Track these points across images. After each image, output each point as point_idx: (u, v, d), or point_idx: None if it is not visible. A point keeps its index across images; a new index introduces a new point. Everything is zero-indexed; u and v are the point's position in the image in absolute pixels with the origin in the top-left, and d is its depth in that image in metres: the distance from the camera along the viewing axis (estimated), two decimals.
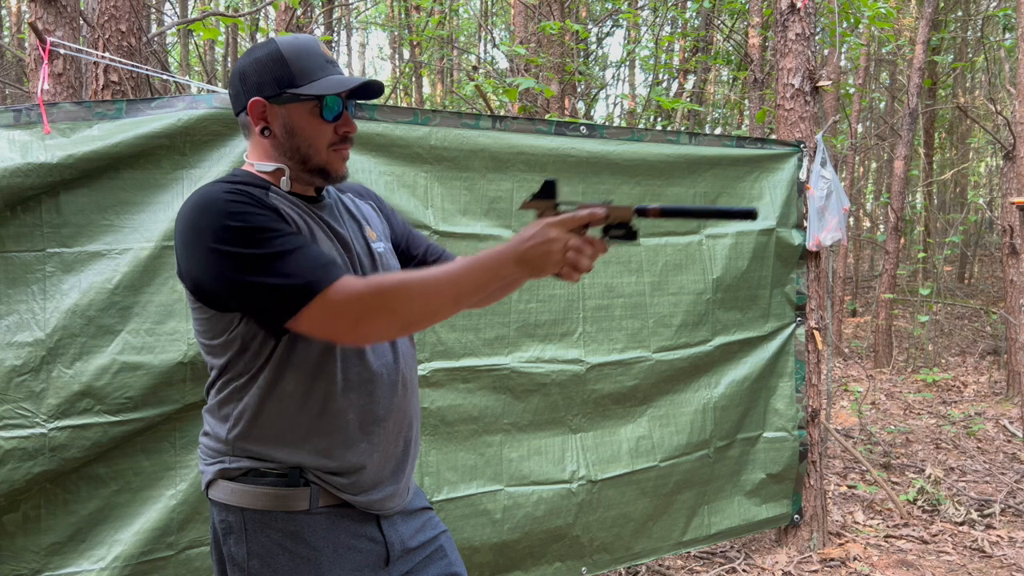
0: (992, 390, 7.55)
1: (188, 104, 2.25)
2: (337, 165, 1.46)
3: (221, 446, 1.45)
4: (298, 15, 7.36)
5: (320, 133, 1.43)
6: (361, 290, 1.28)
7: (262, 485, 1.41)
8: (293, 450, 1.41)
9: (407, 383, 1.54)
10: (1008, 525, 4.02)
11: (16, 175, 2.03)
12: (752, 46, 8.08)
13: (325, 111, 1.42)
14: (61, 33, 2.91)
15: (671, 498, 3.17)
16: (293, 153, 1.44)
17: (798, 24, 3.68)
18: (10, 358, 2.05)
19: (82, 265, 2.13)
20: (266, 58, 1.43)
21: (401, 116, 2.57)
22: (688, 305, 3.18)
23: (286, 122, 1.43)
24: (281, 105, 1.42)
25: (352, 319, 1.28)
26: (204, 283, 1.33)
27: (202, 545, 2.27)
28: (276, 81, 1.41)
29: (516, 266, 1.29)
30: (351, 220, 1.56)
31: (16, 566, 2.07)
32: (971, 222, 12.50)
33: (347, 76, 1.45)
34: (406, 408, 1.54)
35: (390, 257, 1.61)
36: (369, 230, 1.59)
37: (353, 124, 1.47)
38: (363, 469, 1.46)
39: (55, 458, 2.07)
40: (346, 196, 1.63)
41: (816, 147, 3.57)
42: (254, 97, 1.43)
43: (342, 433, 1.43)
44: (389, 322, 1.30)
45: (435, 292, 1.29)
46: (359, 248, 1.51)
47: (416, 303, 1.29)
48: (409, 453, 1.56)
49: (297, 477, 1.41)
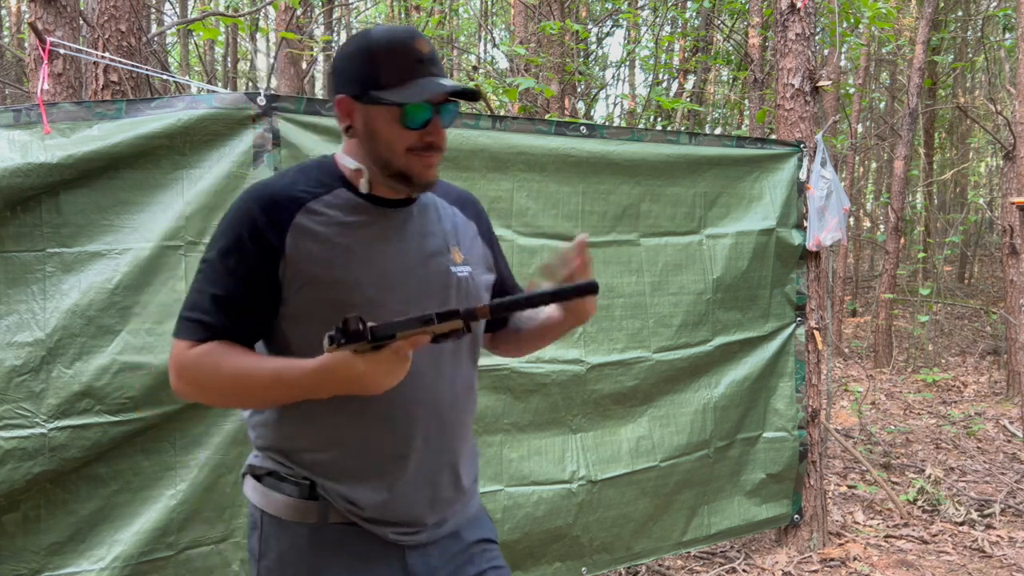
0: (992, 390, 7.55)
1: (188, 104, 2.25)
2: (419, 170, 1.35)
3: (254, 441, 1.44)
4: (298, 15, 7.36)
5: (400, 138, 1.33)
6: (181, 362, 1.30)
7: (278, 491, 1.38)
8: (307, 463, 1.37)
9: (445, 425, 1.41)
10: (1008, 525, 4.01)
11: (16, 175, 2.03)
12: (752, 46, 8.08)
13: (407, 119, 1.31)
14: (61, 33, 2.91)
15: (671, 498, 3.17)
16: (374, 156, 1.36)
17: (798, 24, 3.68)
18: (10, 358, 2.05)
19: (82, 265, 2.13)
20: (355, 53, 1.34)
21: None
22: (688, 305, 3.18)
23: (368, 124, 1.35)
24: (365, 105, 1.34)
25: (174, 377, 1.33)
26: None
27: (202, 545, 2.27)
28: (362, 80, 1.33)
29: (325, 394, 1.26)
30: (437, 236, 1.44)
31: (16, 566, 2.07)
32: (971, 222, 12.50)
33: (439, 81, 1.32)
34: (440, 450, 1.41)
35: (476, 285, 1.47)
36: (456, 251, 1.46)
37: (441, 134, 1.35)
38: (374, 504, 1.37)
39: (55, 458, 2.07)
40: (449, 207, 1.51)
41: (816, 147, 3.56)
42: (341, 94, 1.36)
43: (353, 463, 1.37)
44: (200, 399, 1.34)
45: (235, 395, 1.32)
46: (435, 267, 1.41)
47: (221, 398, 1.35)
48: (441, 495, 1.43)
49: (308, 489, 1.37)
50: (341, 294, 1.32)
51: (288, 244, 1.31)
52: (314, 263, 1.31)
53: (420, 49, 1.32)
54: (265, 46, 13.93)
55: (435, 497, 1.42)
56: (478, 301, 1.46)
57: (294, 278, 1.31)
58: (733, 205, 3.32)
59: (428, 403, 1.38)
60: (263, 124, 2.32)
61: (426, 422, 1.38)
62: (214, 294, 1.31)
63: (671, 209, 3.15)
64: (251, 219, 1.31)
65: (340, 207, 1.36)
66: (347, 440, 1.36)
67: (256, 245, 1.30)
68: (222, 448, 2.28)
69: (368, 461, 1.36)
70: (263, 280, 1.31)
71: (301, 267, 1.31)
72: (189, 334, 1.31)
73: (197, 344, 1.30)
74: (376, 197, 1.39)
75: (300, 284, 1.31)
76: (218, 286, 1.31)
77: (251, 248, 1.30)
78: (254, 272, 1.30)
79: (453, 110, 1.38)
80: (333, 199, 1.36)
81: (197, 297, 1.32)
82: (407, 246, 1.39)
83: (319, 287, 1.32)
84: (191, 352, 1.30)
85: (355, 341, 1.18)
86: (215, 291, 1.31)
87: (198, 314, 1.31)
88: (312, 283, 1.31)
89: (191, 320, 1.31)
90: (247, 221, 1.31)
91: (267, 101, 2.34)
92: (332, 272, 1.32)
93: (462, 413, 1.45)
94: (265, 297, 1.32)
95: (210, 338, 1.30)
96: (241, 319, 1.32)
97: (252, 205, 1.32)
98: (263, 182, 1.37)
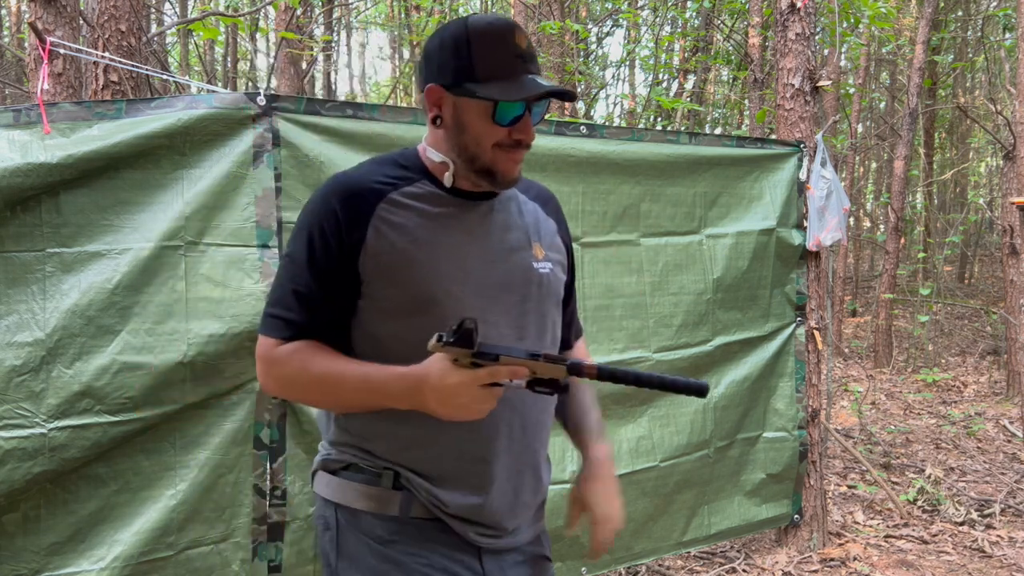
0: (992, 390, 7.55)
1: (188, 104, 2.25)
2: (505, 167, 1.32)
3: (327, 436, 1.40)
4: (298, 15, 7.36)
5: (489, 133, 1.30)
6: (269, 359, 1.31)
7: (357, 481, 1.34)
8: (390, 452, 1.33)
9: (526, 425, 1.37)
10: (1008, 525, 4.01)
11: (16, 175, 2.03)
12: (752, 46, 8.08)
13: (498, 115, 1.28)
14: (61, 33, 2.91)
15: (671, 498, 3.17)
16: (461, 150, 1.32)
17: (798, 24, 3.68)
18: (10, 358, 2.05)
19: (82, 265, 2.13)
20: (451, 41, 1.29)
21: (401, 116, 2.57)
22: (688, 305, 3.18)
23: (457, 116, 1.31)
24: (456, 97, 1.29)
25: (261, 373, 1.34)
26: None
27: (202, 545, 2.27)
28: (456, 70, 1.28)
29: (408, 403, 1.24)
30: (519, 230, 1.41)
31: (16, 566, 2.07)
32: (971, 222, 12.50)
33: (536, 80, 1.29)
34: (522, 451, 1.38)
35: (555, 282, 1.44)
36: (538, 246, 1.43)
37: (531, 132, 1.32)
38: (459, 505, 1.33)
39: (55, 458, 2.07)
40: (530, 202, 1.48)
41: (816, 147, 3.56)
42: (432, 82, 1.31)
43: (436, 464, 1.32)
44: (286, 395, 1.37)
45: (321, 396, 1.34)
46: (517, 262, 1.38)
47: (308, 397, 1.38)
48: (521, 499, 1.39)
49: (391, 478, 1.32)
50: (422, 287, 1.29)
51: (369, 236, 1.28)
52: (395, 255, 1.28)
53: (519, 44, 1.28)
54: (265, 46, 13.93)
55: (516, 501, 1.38)
56: (557, 298, 1.44)
57: (375, 271, 1.29)
58: (733, 205, 3.32)
59: (511, 400, 1.32)
60: (263, 124, 2.32)
61: (508, 422, 1.34)
62: (296, 290, 1.30)
63: (671, 209, 3.15)
64: (331, 211, 1.28)
65: (423, 199, 1.33)
66: (429, 442, 1.32)
67: (336, 238, 1.28)
68: (222, 448, 2.28)
69: (452, 463, 1.32)
70: (344, 274, 1.29)
71: (382, 259, 1.28)
72: (274, 331, 1.31)
73: (283, 342, 1.30)
74: (459, 190, 1.36)
75: (381, 277, 1.29)
76: (299, 281, 1.30)
77: (331, 241, 1.28)
78: (335, 266, 1.29)
79: (543, 108, 1.34)
80: (415, 190, 1.33)
81: (280, 293, 1.32)
82: (489, 240, 1.36)
83: (400, 280, 1.29)
84: (278, 350, 1.30)
85: (463, 345, 1.14)
86: (297, 287, 1.30)
87: (282, 310, 1.31)
88: (393, 276, 1.29)
89: (275, 317, 1.31)
90: (327, 214, 1.28)
91: (267, 101, 2.34)
92: (413, 265, 1.29)
93: (542, 413, 1.41)
94: (346, 291, 1.30)
95: (295, 336, 1.30)
96: (323, 314, 1.31)
97: (332, 197, 1.29)
98: (343, 173, 1.35)
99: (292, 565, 2.38)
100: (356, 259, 1.28)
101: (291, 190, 2.36)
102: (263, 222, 2.31)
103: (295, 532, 2.38)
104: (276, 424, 2.34)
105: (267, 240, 2.31)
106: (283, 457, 2.36)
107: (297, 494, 2.38)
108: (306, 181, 2.38)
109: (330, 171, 2.40)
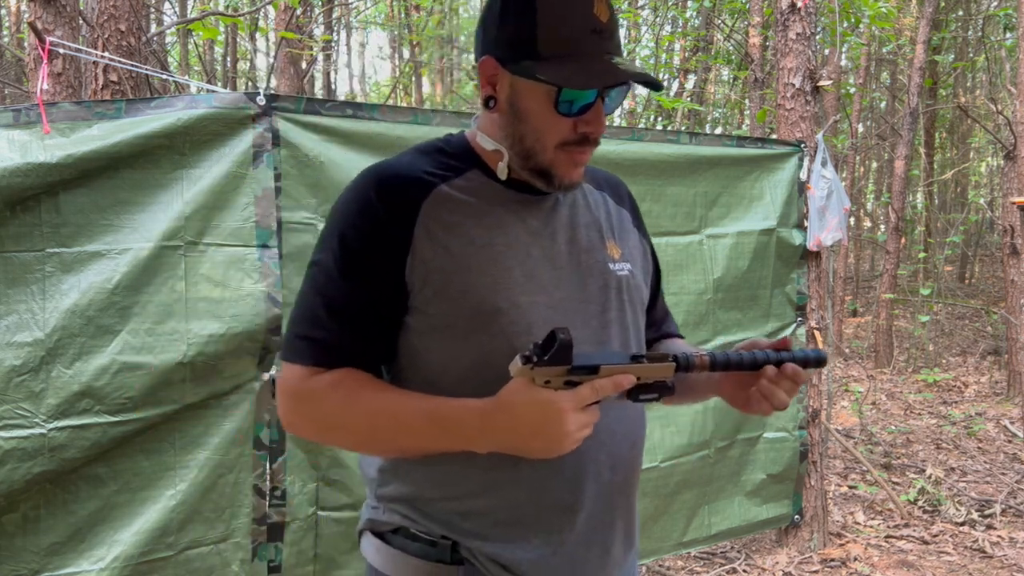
0: (993, 390, 7.55)
1: (187, 104, 2.25)
2: (565, 170, 1.09)
3: (372, 488, 1.18)
4: (298, 15, 7.36)
5: (551, 126, 1.06)
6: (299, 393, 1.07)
7: (410, 553, 1.11)
8: (446, 517, 1.10)
9: (618, 466, 1.14)
10: (1009, 525, 4.01)
11: (16, 175, 2.03)
12: (752, 45, 8.07)
13: (561, 103, 1.04)
14: (60, 33, 2.91)
15: (671, 498, 3.16)
16: (515, 141, 1.09)
17: (799, 24, 3.68)
18: (9, 358, 2.05)
19: (81, 265, 2.13)
20: (514, 5, 1.05)
21: (401, 116, 2.57)
22: (689, 305, 3.17)
23: (513, 99, 1.08)
24: (514, 76, 1.06)
25: (287, 409, 1.10)
26: None
27: (202, 545, 2.27)
28: (514, 42, 1.04)
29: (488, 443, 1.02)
30: (590, 227, 1.19)
31: (15, 566, 2.07)
32: (972, 222, 12.49)
33: (614, 63, 1.04)
34: (612, 497, 1.14)
35: (638, 285, 1.22)
36: (613, 244, 1.20)
37: (601, 125, 1.08)
38: (533, 564, 1.09)
39: (54, 458, 2.07)
40: (596, 192, 1.25)
41: (817, 147, 3.56)
42: (488, 53, 1.08)
43: (508, 514, 1.09)
44: (317, 437, 1.14)
45: (370, 439, 1.08)
46: (591, 265, 1.16)
47: (351, 439, 1.12)
48: (612, 555, 1.15)
49: (448, 550, 1.09)
50: (482, 298, 1.06)
51: (417, 237, 1.06)
52: (449, 260, 1.06)
53: (598, 15, 1.04)
54: (265, 46, 13.93)
55: (605, 557, 1.15)
56: (641, 303, 1.23)
57: (424, 279, 1.06)
58: (733, 205, 3.32)
59: (599, 433, 1.06)
60: (263, 124, 2.32)
61: (597, 462, 1.11)
62: (328, 304, 1.06)
63: (671, 209, 3.15)
64: (369, 206, 1.06)
65: (476, 193, 1.11)
66: (502, 485, 1.08)
67: (377, 239, 1.06)
68: (222, 448, 2.27)
69: (528, 511, 1.09)
70: (388, 283, 1.06)
71: (433, 265, 1.06)
72: (305, 357, 1.07)
73: (317, 370, 1.06)
74: (516, 182, 1.13)
75: (432, 286, 1.06)
76: (332, 293, 1.07)
77: (371, 242, 1.06)
78: (377, 274, 1.06)
79: (620, 96, 1.10)
80: (466, 183, 1.11)
81: (309, 309, 1.08)
82: (556, 241, 1.14)
83: (455, 290, 1.06)
84: (312, 382, 1.06)
85: (559, 362, 0.94)
86: (329, 299, 1.06)
87: (311, 329, 1.07)
88: (447, 286, 1.06)
89: (304, 338, 1.07)
90: (364, 209, 1.06)
91: (267, 101, 2.33)
92: (470, 272, 1.07)
93: (635, 445, 1.18)
94: (391, 304, 1.07)
95: (334, 361, 1.06)
96: (365, 332, 1.07)
97: (369, 190, 1.07)
98: (381, 163, 1.12)
99: (292, 565, 2.38)
100: (402, 265, 1.05)
101: (291, 190, 2.36)
102: (263, 222, 2.30)
103: (295, 532, 2.38)
104: (276, 424, 2.34)
105: (267, 240, 2.31)
106: (283, 457, 2.36)
107: (297, 494, 2.38)
108: (306, 181, 2.38)
109: (330, 171, 2.40)
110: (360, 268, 1.06)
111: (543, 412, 0.95)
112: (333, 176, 2.40)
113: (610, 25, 1.06)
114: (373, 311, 1.07)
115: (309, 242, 2.37)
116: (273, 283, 2.29)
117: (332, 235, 1.09)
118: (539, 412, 0.95)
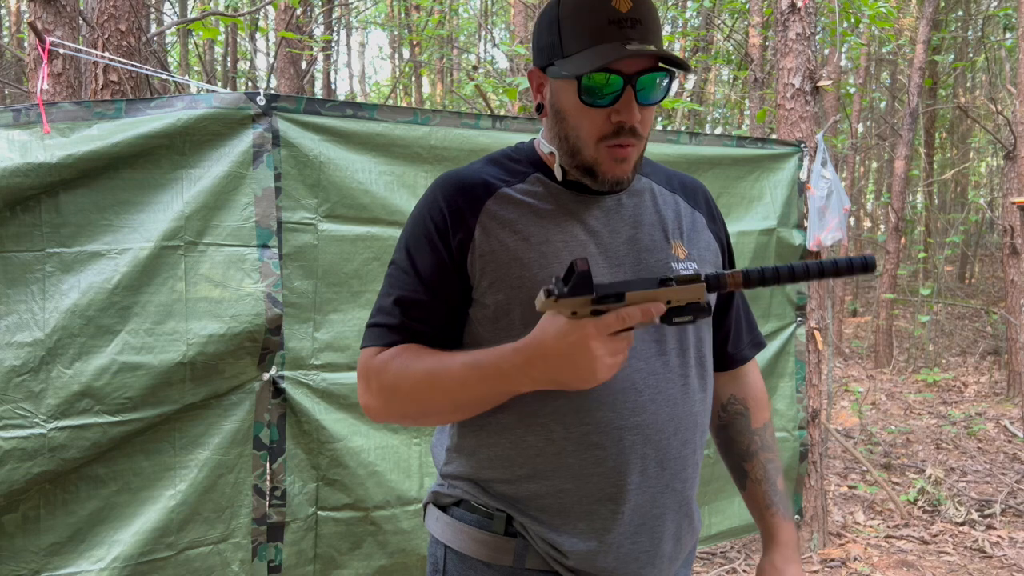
0: (993, 390, 7.55)
1: (187, 104, 2.25)
2: (608, 166, 1.12)
3: (439, 467, 1.26)
4: (298, 15, 7.36)
5: (585, 120, 1.11)
6: (368, 369, 1.16)
7: (467, 522, 1.18)
8: (504, 491, 1.17)
9: (664, 460, 1.16)
10: (1008, 525, 4.01)
11: (16, 175, 2.03)
12: (752, 45, 8.08)
13: (582, 93, 1.08)
14: (60, 33, 2.91)
15: None
16: (561, 141, 1.15)
17: (798, 24, 3.68)
18: (9, 358, 2.05)
19: (81, 265, 2.13)
20: (547, 13, 1.13)
21: (401, 116, 2.57)
22: None
23: (553, 101, 1.15)
24: (551, 79, 1.14)
25: (362, 389, 1.19)
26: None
27: (202, 545, 2.27)
28: (547, 48, 1.12)
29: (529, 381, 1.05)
30: (654, 227, 1.21)
31: (15, 566, 2.07)
32: (972, 222, 12.49)
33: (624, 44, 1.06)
34: (661, 490, 1.16)
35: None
36: (679, 244, 1.21)
37: (632, 112, 1.09)
38: (580, 553, 1.14)
39: (54, 458, 2.07)
40: (669, 193, 1.27)
41: (817, 147, 3.56)
42: (534, 65, 1.17)
43: (554, 501, 1.14)
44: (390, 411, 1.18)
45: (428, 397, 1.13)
46: (651, 263, 1.18)
47: (413, 404, 1.15)
48: (661, 550, 1.18)
49: (503, 523, 1.16)
50: (534, 291, 1.08)
51: (477, 233, 1.14)
52: (504, 254, 1.13)
53: (617, 7, 1.07)
54: (265, 46, 13.93)
55: (654, 551, 1.17)
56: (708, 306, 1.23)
57: (484, 272, 1.14)
58: (733, 205, 3.32)
59: (645, 428, 1.13)
60: (263, 124, 2.32)
61: (644, 457, 1.14)
62: (398, 297, 1.17)
63: None
64: (437, 209, 1.16)
65: (536, 195, 1.17)
66: (547, 473, 1.14)
67: (443, 237, 1.15)
68: (222, 448, 2.27)
69: (573, 499, 1.14)
70: (451, 275, 1.15)
71: (493, 258, 1.13)
72: (373, 340, 1.17)
73: (383, 349, 1.16)
74: (574, 183, 1.18)
75: (491, 279, 1.13)
76: (405, 287, 1.17)
77: (438, 241, 1.15)
78: (442, 266, 1.15)
79: (654, 83, 1.10)
80: (528, 187, 1.18)
81: (382, 303, 1.19)
82: (615, 239, 1.17)
83: (509, 283, 1.13)
84: (377, 358, 1.15)
85: (580, 293, 0.95)
86: (400, 293, 1.17)
87: (382, 318, 1.18)
88: (502, 278, 1.13)
89: (375, 326, 1.18)
90: (433, 212, 1.16)
91: (267, 101, 2.33)
92: (528, 266, 1.13)
93: (684, 446, 1.18)
94: (455, 294, 1.16)
95: (396, 341, 1.15)
96: (429, 318, 1.16)
97: (437, 195, 1.17)
98: (451, 171, 1.22)
99: (292, 566, 2.38)
100: (464, 260, 1.14)
101: (291, 190, 2.36)
102: (263, 222, 2.30)
103: (295, 532, 2.38)
104: (276, 424, 2.34)
105: (267, 240, 2.31)
106: (283, 457, 2.36)
107: (297, 494, 2.38)
108: (306, 181, 2.38)
109: (330, 171, 2.40)
110: (428, 264, 1.15)
111: (568, 341, 0.97)
112: (333, 176, 2.40)
113: (633, 14, 1.08)
114: (433, 298, 1.16)
115: (309, 242, 2.38)
116: (273, 283, 2.29)
117: (407, 235, 1.19)
118: (565, 341, 0.98)
